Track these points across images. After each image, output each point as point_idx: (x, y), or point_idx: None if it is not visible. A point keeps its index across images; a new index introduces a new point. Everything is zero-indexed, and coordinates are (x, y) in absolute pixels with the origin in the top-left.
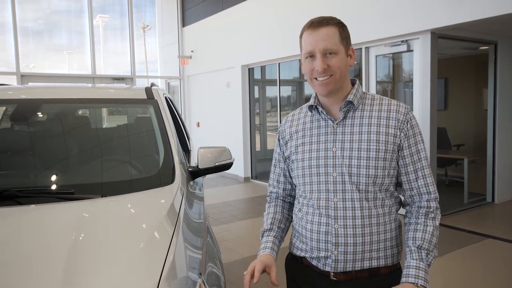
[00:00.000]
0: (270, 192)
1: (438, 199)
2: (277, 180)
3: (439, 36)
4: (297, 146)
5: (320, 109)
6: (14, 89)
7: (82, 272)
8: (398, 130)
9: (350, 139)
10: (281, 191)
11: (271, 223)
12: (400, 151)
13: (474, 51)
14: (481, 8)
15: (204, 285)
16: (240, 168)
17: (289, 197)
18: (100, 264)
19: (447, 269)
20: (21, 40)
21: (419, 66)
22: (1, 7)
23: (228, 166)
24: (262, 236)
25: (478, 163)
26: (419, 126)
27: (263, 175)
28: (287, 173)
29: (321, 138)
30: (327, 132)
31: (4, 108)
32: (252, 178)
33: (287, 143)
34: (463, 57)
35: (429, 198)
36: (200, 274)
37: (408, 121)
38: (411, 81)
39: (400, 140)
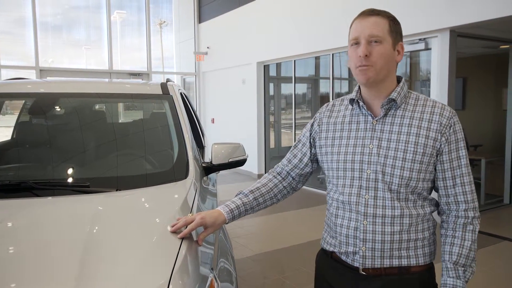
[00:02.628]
0: (276, 166)
1: (477, 209)
2: (289, 160)
3: (458, 34)
4: (333, 139)
5: (361, 103)
6: (32, 83)
7: (95, 264)
8: (439, 134)
9: (388, 137)
10: (287, 170)
11: (251, 191)
12: (439, 155)
13: (493, 49)
14: (503, 6)
15: (216, 280)
16: (254, 165)
17: (291, 179)
18: (113, 256)
19: None
20: (40, 35)
21: (437, 65)
22: (22, 2)
23: (241, 162)
24: (236, 195)
25: (496, 164)
26: (463, 131)
27: None
28: (304, 159)
29: (359, 134)
30: (366, 128)
31: (23, 101)
32: None
33: (321, 132)
34: (482, 56)
35: (467, 207)
36: (212, 269)
37: (451, 125)
38: (428, 80)
39: (441, 145)
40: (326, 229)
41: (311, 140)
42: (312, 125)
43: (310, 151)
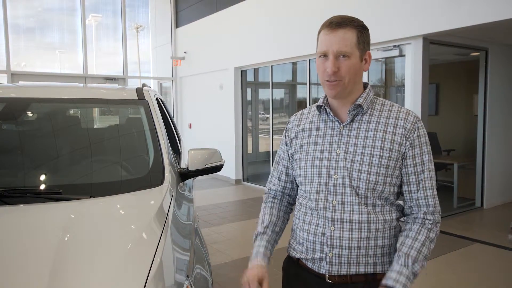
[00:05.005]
0: (269, 190)
1: (439, 213)
2: (278, 178)
3: (431, 41)
4: (301, 145)
5: (328, 110)
6: (3, 88)
7: (68, 273)
8: (404, 139)
9: (355, 142)
10: (281, 189)
11: (265, 226)
12: (404, 160)
13: (465, 57)
14: (473, 15)
15: (191, 287)
16: (231, 170)
17: (287, 197)
18: (86, 265)
19: (435, 272)
20: (12, 38)
21: (411, 71)
22: None
23: (218, 168)
24: (255, 240)
25: (468, 168)
26: (427, 136)
27: (255, 178)
28: (290, 171)
29: (326, 139)
30: (333, 134)
31: None
32: (243, 181)
33: (292, 141)
34: (454, 63)
35: (426, 211)
36: (188, 276)
37: (415, 130)
38: (403, 85)
39: (405, 149)
40: (292, 235)
41: (287, 152)
42: (284, 138)
43: (292, 164)
